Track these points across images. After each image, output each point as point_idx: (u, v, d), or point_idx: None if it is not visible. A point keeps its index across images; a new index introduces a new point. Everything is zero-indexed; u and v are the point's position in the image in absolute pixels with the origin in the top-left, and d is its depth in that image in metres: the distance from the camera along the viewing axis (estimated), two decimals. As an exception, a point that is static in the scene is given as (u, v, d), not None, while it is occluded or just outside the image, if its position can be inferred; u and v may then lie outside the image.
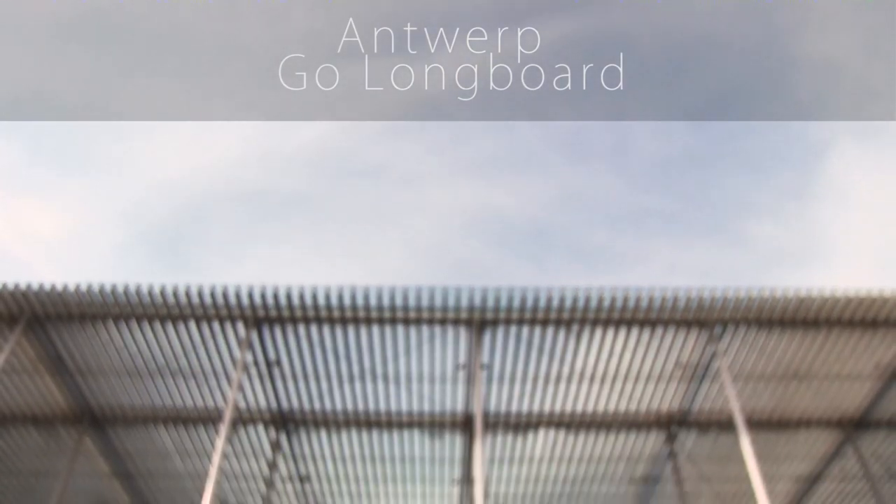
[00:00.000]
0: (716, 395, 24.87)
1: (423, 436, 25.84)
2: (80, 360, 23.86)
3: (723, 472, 28.31)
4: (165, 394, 25.15)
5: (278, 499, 30.12)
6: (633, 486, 29.23)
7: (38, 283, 21.13)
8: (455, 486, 28.49)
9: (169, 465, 28.55)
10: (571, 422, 25.47)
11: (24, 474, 29.41)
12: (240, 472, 28.82)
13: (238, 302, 21.16)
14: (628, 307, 21.12)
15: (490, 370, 23.02)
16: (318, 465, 28.03)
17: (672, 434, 26.20)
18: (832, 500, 30.39)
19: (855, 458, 27.31)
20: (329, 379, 23.85)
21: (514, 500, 29.76)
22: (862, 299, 21.41)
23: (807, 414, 25.94)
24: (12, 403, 25.91)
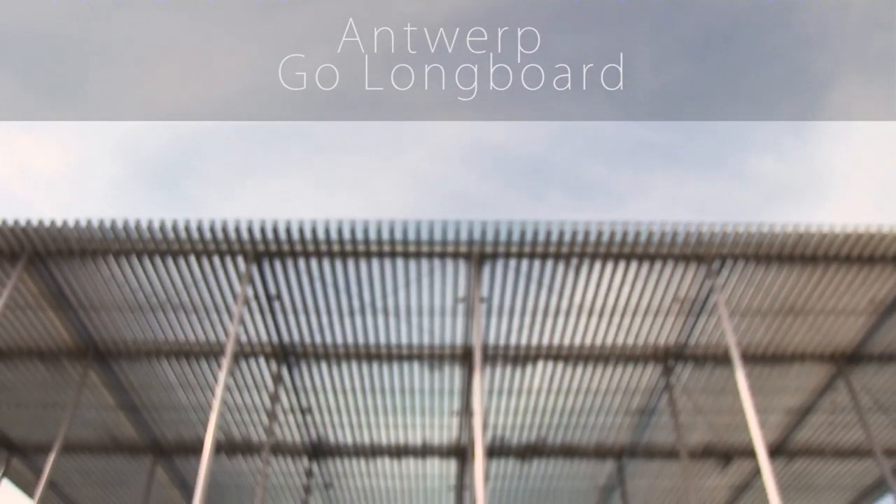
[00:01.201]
0: (712, 329, 25.11)
1: (422, 368, 26.17)
2: (83, 296, 24.01)
3: (717, 404, 28.82)
4: (167, 328, 25.37)
5: (280, 430, 30.49)
6: (629, 418, 29.77)
7: (38, 219, 21.15)
8: (454, 417, 28.91)
9: (173, 397, 28.99)
10: (570, 354, 25.74)
11: (32, 406, 29.98)
12: (242, 405, 29.26)
13: (238, 236, 21.14)
14: (627, 241, 21.14)
15: (489, 303, 23.21)
16: (319, 397, 28.42)
17: (668, 367, 26.54)
18: (822, 431, 31.02)
19: (846, 391, 27.74)
20: (329, 312, 23.98)
21: (512, 430, 30.22)
22: (860, 235, 21.42)
23: (801, 348, 26.23)
24: (18, 338, 26.27)
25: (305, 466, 33.02)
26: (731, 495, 36.39)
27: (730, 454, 32.01)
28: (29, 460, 33.83)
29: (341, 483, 34.66)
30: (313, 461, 32.61)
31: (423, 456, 31.76)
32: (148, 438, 31.88)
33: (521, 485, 34.50)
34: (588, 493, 35.63)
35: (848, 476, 34.83)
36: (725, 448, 31.76)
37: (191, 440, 31.83)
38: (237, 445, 31.87)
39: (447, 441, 30.79)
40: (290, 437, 31.15)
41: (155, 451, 32.74)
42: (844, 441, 31.91)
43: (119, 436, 31.86)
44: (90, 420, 30.77)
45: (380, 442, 31.12)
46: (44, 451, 32.24)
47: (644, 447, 31.68)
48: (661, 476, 34.02)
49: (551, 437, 30.81)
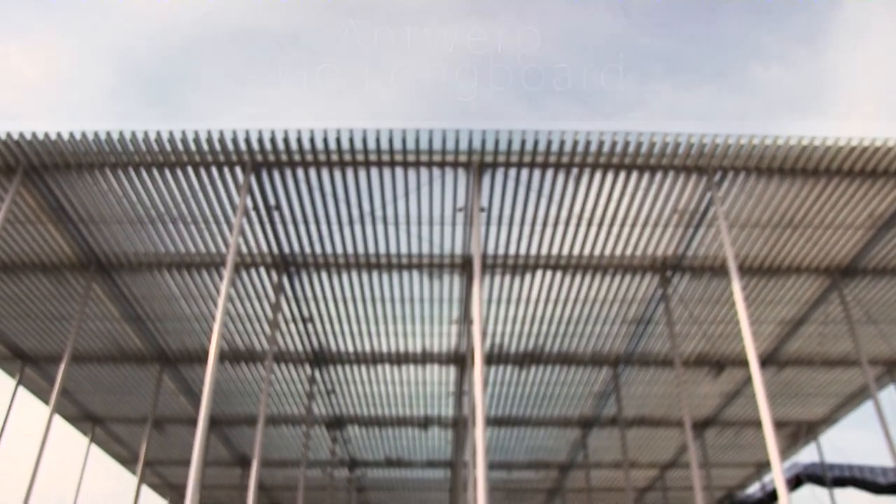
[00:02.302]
0: (710, 240, 25.18)
1: (422, 277, 26.28)
2: (82, 209, 23.97)
3: (712, 314, 29.24)
4: (168, 240, 25.44)
5: (282, 339, 30.79)
6: (625, 327, 30.19)
7: (32, 132, 20.80)
8: (454, 325, 29.22)
9: (176, 308, 29.28)
10: (568, 264, 25.86)
11: (41, 318, 30.44)
12: (244, 315, 29.50)
13: (236, 147, 20.91)
14: (628, 151, 20.98)
15: (489, 213, 23.21)
16: (320, 306, 28.63)
17: (666, 278, 26.63)
18: (812, 341, 31.56)
19: (838, 303, 27.87)
20: (329, 222, 23.95)
21: (511, 338, 30.58)
22: (864, 148, 21.23)
23: (797, 261, 26.37)
24: (20, 252, 26.42)
25: (308, 374, 33.58)
26: (722, 402, 37.18)
27: (722, 363, 32.55)
28: (41, 369, 34.44)
29: (343, 389, 35.36)
30: (315, 368, 33.13)
31: (423, 363, 32.30)
32: (154, 348, 32.30)
33: (518, 391, 35.26)
34: (584, 399, 36.44)
35: (834, 384, 35.59)
36: (718, 357, 32.28)
37: (195, 349, 32.30)
38: (241, 354, 32.33)
39: (447, 349, 31.32)
40: (292, 345, 31.58)
41: (161, 361, 33.25)
42: (833, 351, 32.46)
43: (125, 346, 32.29)
44: (97, 331, 31.14)
45: (380, 350, 31.61)
46: (55, 361, 32.80)
47: (639, 355, 32.20)
48: (655, 383, 34.73)
49: (549, 345, 31.26)
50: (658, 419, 38.92)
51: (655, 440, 41.91)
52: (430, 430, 39.49)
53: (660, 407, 37.49)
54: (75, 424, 40.74)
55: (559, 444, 42.62)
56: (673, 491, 50.53)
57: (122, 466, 47.29)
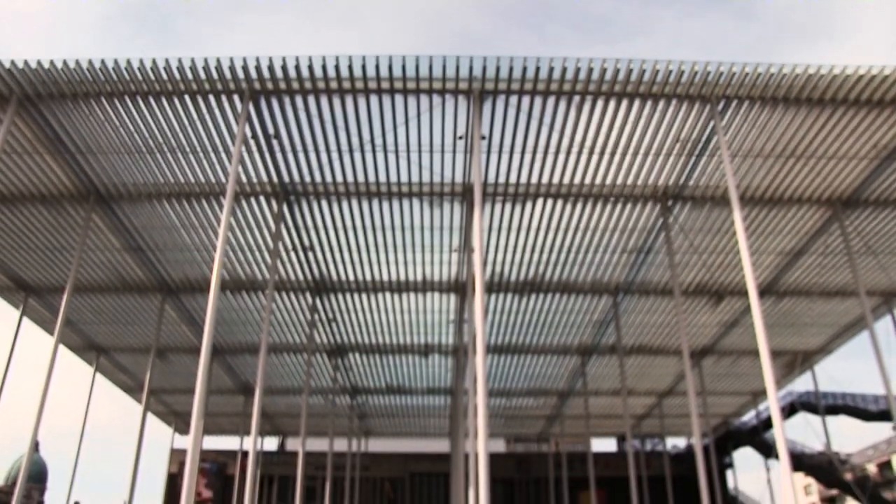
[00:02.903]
0: (712, 170, 25.24)
1: (422, 205, 26.37)
2: (79, 139, 24.00)
3: (712, 244, 29.41)
4: (167, 170, 25.59)
5: (284, 268, 31.05)
6: (625, 256, 30.52)
7: (24, 61, 20.54)
8: (454, 253, 29.47)
9: (177, 238, 29.56)
10: (569, 193, 26.08)
11: (41, 249, 30.82)
12: (245, 244, 29.71)
13: (234, 75, 20.74)
14: (630, 79, 20.90)
15: (489, 141, 23.21)
16: (320, 234, 28.91)
17: (666, 207, 26.79)
18: (812, 272, 31.93)
19: (838, 235, 28.08)
20: (329, 150, 24.01)
21: (511, 267, 30.87)
22: (872, 77, 21.05)
23: (799, 191, 26.57)
24: (19, 184, 26.61)
25: (309, 302, 33.98)
26: (719, 331, 37.77)
27: (721, 292, 32.95)
28: (44, 300, 34.94)
29: (344, 317, 35.89)
30: (316, 297, 33.53)
31: (423, 291, 32.73)
32: (155, 278, 32.68)
33: (518, 319, 35.83)
34: (583, 327, 37.00)
35: (831, 315, 36.18)
36: (718, 286, 32.68)
37: (197, 279, 32.71)
38: (242, 283, 32.72)
39: (447, 277, 31.70)
40: (293, 274, 31.91)
41: (163, 290, 33.68)
42: (831, 282, 32.87)
43: (127, 276, 32.67)
44: (98, 262, 31.46)
45: (381, 278, 32.00)
46: (57, 292, 33.24)
47: (639, 284, 32.65)
48: (654, 312, 35.31)
49: (549, 274, 31.64)
50: (656, 348, 39.64)
51: (653, 368, 42.75)
52: (431, 357, 40.21)
53: (658, 336, 38.13)
54: (80, 354, 41.50)
55: (558, 372, 43.49)
56: (669, 418, 51.75)
57: (127, 395, 48.37)
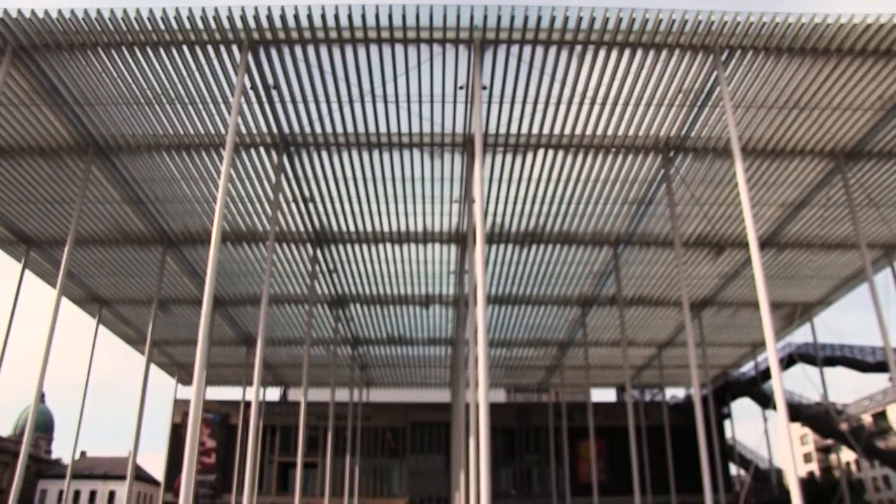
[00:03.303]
0: (714, 121, 25.23)
1: (423, 156, 26.34)
2: (77, 91, 23.95)
3: (714, 195, 29.52)
4: (166, 121, 25.63)
5: (284, 219, 31.17)
6: (626, 207, 30.64)
7: (17, 10, 20.37)
8: (455, 204, 29.57)
9: (177, 190, 29.70)
10: (570, 144, 26.12)
11: (41, 202, 31.03)
12: (245, 195, 29.82)
13: (232, 25, 20.60)
14: (633, 28, 20.78)
15: (490, 91, 23.18)
16: (321, 186, 29.01)
17: (668, 158, 26.79)
18: (813, 224, 32.13)
19: (841, 187, 28.13)
20: (329, 101, 24.01)
21: (512, 218, 31.05)
22: (881, 26, 20.91)
23: (802, 143, 26.60)
24: (17, 136, 26.64)
25: (310, 253, 34.16)
26: (720, 283, 38.04)
27: (722, 244, 33.11)
28: (46, 253, 35.17)
29: (345, 269, 36.12)
30: (317, 248, 33.71)
31: (424, 242, 32.96)
32: (156, 230, 32.87)
33: (519, 270, 36.12)
34: (584, 278, 37.28)
35: (831, 267, 36.42)
36: (718, 238, 32.82)
37: (197, 231, 32.91)
38: (243, 235, 32.91)
39: (447, 228, 31.87)
40: (293, 225, 32.06)
41: (164, 242, 33.88)
42: (832, 235, 33.04)
43: (128, 228, 32.86)
44: (99, 214, 31.60)
45: (382, 229, 32.22)
46: (59, 245, 33.45)
47: (640, 236, 32.86)
48: (654, 263, 35.58)
49: (549, 225, 31.83)
50: (656, 299, 40.00)
51: (653, 319, 43.20)
52: (432, 308, 40.59)
53: (658, 287, 38.43)
54: (82, 307, 41.93)
55: (559, 323, 43.95)
56: (669, 369, 52.39)
57: (130, 347, 48.92)
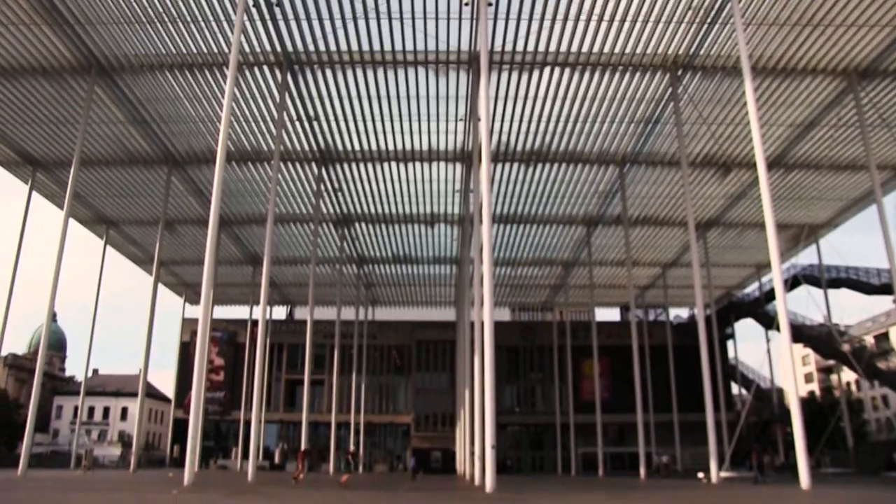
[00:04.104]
0: (724, 39, 24.98)
1: (428, 74, 26.22)
2: (76, 9, 23.87)
3: (722, 115, 29.27)
4: (168, 40, 25.58)
5: (289, 138, 31.18)
6: (633, 126, 30.47)
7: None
8: (460, 123, 29.53)
9: (181, 109, 29.73)
10: (577, 62, 26.00)
11: (45, 123, 31.17)
12: (250, 115, 29.83)
13: (232, -63, 20.05)
14: (643, -59, 19.91)
15: (496, 7, 22.92)
16: (325, 104, 29.02)
17: (676, 77, 26.61)
18: (822, 145, 32.03)
19: (852, 106, 27.99)
20: (332, 17, 23.89)
21: (517, 136, 31.05)
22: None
23: (813, 61, 26.36)
24: (19, 56, 26.62)
25: (315, 172, 34.26)
26: (726, 203, 38.12)
27: (729, 164, 33.04)
28: (52, 174, 35.41)
29: (350, 188, 36.27)
30: (322, 167, 33.80)
31: (429, 161, 33.09)
32: (161, 151, 33.01)
33: (524, 189, 36.26)
34: (589, 197, 37.43)
35: (839, 188, 36.45)
36: (726, 158, 32.74)
37: (202, 151, 33.09)
38: (248, 154, 33.01)
39: (453, 146, 31.80)
40: (298, 144, 32.09)
41: (169, 163, 34.05)
42: (842, 155, 32.96)
43: (133, 149, 33.02)
44: (103, 135, 31.72)
45: (387, 147, 32.26)
46: (65, 166, 33.62)
47: (646, 155, 32.79)
48: (660, 183, 35.71)
49: (555, 144, 31.90)
50: (662, 219, 40.23)
51: (658, 239, 43.51)
52: (437, 227, 40.89)
53: (664, 207, 38.59)
54: (90, 227, 42.40)
55: (564, 242, 44.32)
56: (673, 289, 52.92)
57: (137, 267, 49.54)
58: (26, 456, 28.56)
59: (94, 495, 14.67)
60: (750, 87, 21.04)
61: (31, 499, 13.55)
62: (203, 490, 16.66)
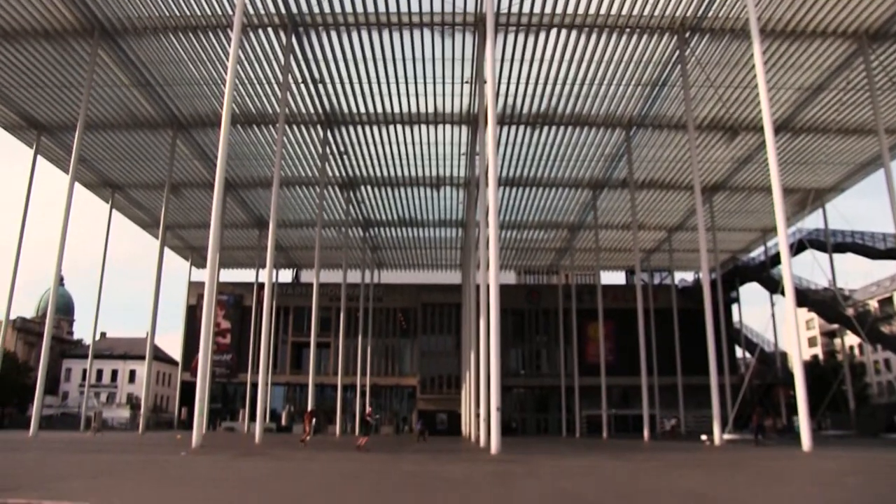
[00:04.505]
0: (733, 0, 24.72)
1: (434, 35, 26.05)
2: (78, -32, 23.26)
3: (729, 78, 29.09)
4: (172, 2, 25.45)
5: (294, 101, 31.12)
6: (640, 89, 30.38)
7: None
8: (466, 85, 29.45)
9: (185, 72, 29.76)
10: (584, 24, 25.85)
11: (49, 86, 31.19)
12: (254, 78, 29.67)
13: None
14: None
15: (503, -32, 22.22)
16: (330, 67, 28.95)
17: (684, 39, 26.37)
18: (830, 108, 31.89)
19: (862, 70, 27.75)
20: (337, -23, 23.16)
21: (524, 99, 30.94)
22: None
23: (823, 24, 26.19)
24: (21, 19, 26.60)
25: (320, 135, 34.16)
26: (732, 167, 37.99)
27: (736, 128, 32.85)
28: (57, 138, 35.46)
29: (356, 151, 36.22)
30: (327, 130, 33.71)
31: (435, 123, 33.01)
32: (166, 114, 32.99)
33: (530, 152, 36.19)
34: (595, 161, 37.34)
35: (846, 153, 36.35)
36: (733, 122, 32.52)
37: (207, 114, 33.14)
38: (253, 117, 32.94)
39: (459, 109, 31.74)
40: (303, 107, 31.97)
41: (174, 126, 34.06)
42: (849, 119, 32.81)
43: (137, 112, 33.02)
44: (108, 98, 31.74)
45: (392, 110, 32.13)
46: (69, 130, 33.59)
47: (652, 118, 32.64)
48: (667, 147, 35.61)
49: (562, 107, 31.70)
50: (668, 182, 40.19)
51: (664, 203, 43.49)
52: (443, 190, 40.82)
53: (670, 170, 38.52)
54: (95, 191, 42.54)
55: (569, 205, 44.32)
56: (678, 253, 52.98)
57: (144, 231, 49.71)
58: (37, 418, 29.09)
59: (105, 456, 15.00)
60: (758, 49, 20.91)
61: (44, 459, 13.84)
62: (211, 452, 16.99)
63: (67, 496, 6.90)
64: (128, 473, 10.58)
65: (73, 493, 7.36)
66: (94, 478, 9.61)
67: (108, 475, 10.08)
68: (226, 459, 14.37)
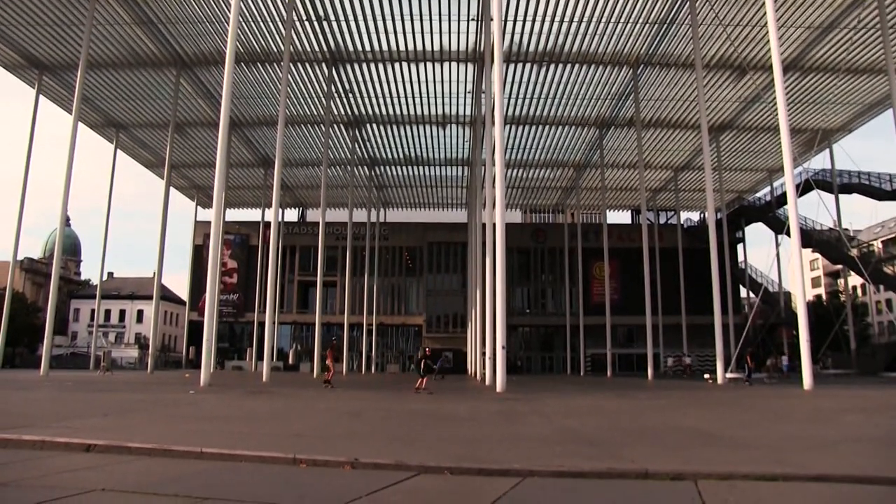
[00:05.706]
0: (745, -67, 23.71)
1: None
2: None
3: (738, 16, 28.89)
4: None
5: (298, 39, 30.80)
6: (647, 27, 29.99)
7: None
8: (472, 22, 29.30)
9: (187, 9, 29.88)
10: (591, -41, 24.67)
11: (50, 24, 30.92)
12: (258, 15, 29.32)
13: None
14: None
15: None
16: (335, 3, 28.84)
17: (693, -25, 25.58)
18: (841, 47, 31.61)
19: (875, 6, 27.49)
20: (342, -89, 22.55)
21: (530, 36, 30.65)
22: None
23: (837, -44, 25.02)
24: None
25: (325, 74, 33.81)
26: (740, 106, 37.57)
27: (745, 67, 32.32)
28: (59, 78, 35.25)
29: (361, 89, 35.95)
30: (332, 68, 33.35)
31: (440, 61, 32.76)
32: (169, 52, 32.76)
33: (537, 90, 35.99)
34: (602, 99, 37.02)
35: (855, 93, 36.07)
36: (741, 61, 31.99)
37: (210, 52, 32.94)
38: (257, 55, 32.62)
39: (465, 46, 31.49)
40: (308, 45, 31.62)
41: (177, 64, 33.82)
42: (860, 59, 32.37)
43: (140, 51, 32.79)
44: (109, 36, 31.51)
45: (398, 48, 31.90)
46: (71, 69, 33.35)
47: (660, 57, 32.25)
48: (674, 86, 35.25)
49: (569, 44, 31.34)
50: (675, 121, 39.98)
51: (671, 142, 43.29)
52: (448, 128, 40.54)
53: (677, 110, 38.25)
54: (99, 131, 42.44)
55: (576, 144, 44.17)
56: (685, 192, 52.85)
57: (149, 171, 49.63)
58: (47, 357, 29.64)
59: (116, 395, 15.25)
60: (768, -15, 20.40)
61: (55, 398, 14.06)
62: (220, 390, 17.25)
63: (80, 434, 7.00)
64: (139, 411, 10.81)
65: (86, 430, 7.46)
66: (106, 416, 9.78)
67: (119, 413, 10.28)
68: (235, 397, 14.62)
